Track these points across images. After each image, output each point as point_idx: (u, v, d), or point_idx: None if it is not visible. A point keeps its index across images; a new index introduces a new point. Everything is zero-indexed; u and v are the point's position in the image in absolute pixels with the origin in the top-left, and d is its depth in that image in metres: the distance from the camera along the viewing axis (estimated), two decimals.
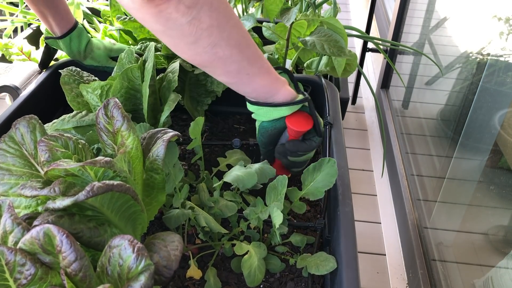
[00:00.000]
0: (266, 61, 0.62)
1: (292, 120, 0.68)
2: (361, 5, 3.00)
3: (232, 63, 0.57)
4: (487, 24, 1.16)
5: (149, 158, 0.59)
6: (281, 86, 0.65)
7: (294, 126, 0.68)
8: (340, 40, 0.82)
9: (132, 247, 0.40)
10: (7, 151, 0.54)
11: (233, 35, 0.55)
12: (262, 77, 0.62)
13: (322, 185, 0.68)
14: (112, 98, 0.58)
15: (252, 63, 0.59)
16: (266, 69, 0.62)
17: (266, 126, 0.70)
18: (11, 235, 0.43)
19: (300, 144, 0.71)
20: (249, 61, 0.59)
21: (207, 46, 0.53)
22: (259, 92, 0.64)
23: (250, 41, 0.59)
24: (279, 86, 0.65)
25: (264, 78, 0.62)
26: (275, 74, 0.64)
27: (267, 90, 0.64)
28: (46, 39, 0.97)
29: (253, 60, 0.59)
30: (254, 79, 0.61)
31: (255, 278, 0.63)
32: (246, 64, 0.59)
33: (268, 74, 0.63)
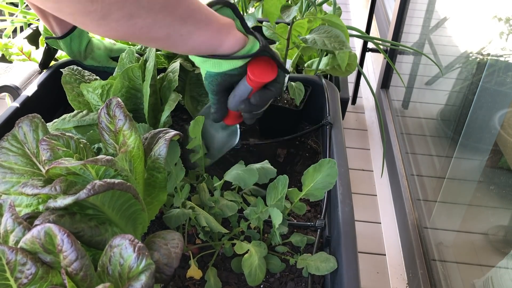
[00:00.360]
0: (204, 11, 0.53)
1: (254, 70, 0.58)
2: (361, 5, 3.01)
3: (159, 29, 0.49)
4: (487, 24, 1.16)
5: (151, 157, 0.59)
6: (225, 35, 0.55)
7: (259, 78, 0.58)
8: (341, 34, 0.82)
9: (132, 246, 0.40)
10: (9, 149, 0.54)
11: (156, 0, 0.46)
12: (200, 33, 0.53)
13: (323, 186, 0.68)
14: (115, 98, 0.58)
15: (185, 21, 0.50)
16: (204, 22, 0.52)
17: (214, 76, 0.60)
18: (12, 234, 0.43)
19: (267, 93, 0.62)
20: (181, 21, 0.50)
21: (122, 18, 0.44)
22: (200, 49, 0.55)
23: None
24: (223, 35, 0.55)
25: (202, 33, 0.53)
26: (216, 23, 0.54)
27: (209, 45, 0.55)
28: (47, 39, 0.97)
29: (186, 17, 0.50)
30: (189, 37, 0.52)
31: (256, 277, 0.63)
32: (177, 25, 0.50)
33: (207, 27, 0.53)
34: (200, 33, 0.52)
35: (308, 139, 0.97)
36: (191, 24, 0.51)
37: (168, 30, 0.49)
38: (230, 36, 0.56)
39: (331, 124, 0.88)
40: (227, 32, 0.55)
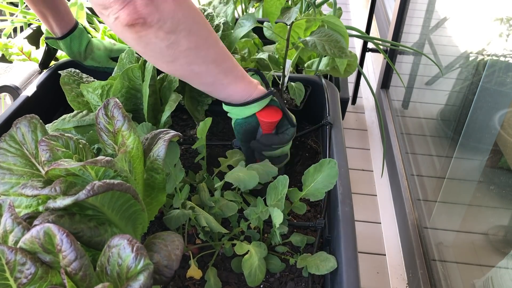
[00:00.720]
0: (241, 69, 0.68)
1: (262, 113, 0.73)
2: (361, 5, 3.01)
3: (208, 77, 0.63)
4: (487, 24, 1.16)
5: (150, 158, 0.59)
6: (253, 89, 0.70)
7: (264, 118, 0.72)
8: (341, 40, 0.82)
9: (131, 246, 0.40)
10: (8, 150, 0.54)
11: (210, 53, 0.61)
12: (236, 85, 0.67)
13: (323, 186, 0.68)
14: (112, 98, 0.58)
15: (227, 74, 0.65)
16: (240, 77, 0.67)
17: (241, 123, 0.74)
18: (11, 234, 0.43)
19: (273, 137, 0.74)
20: (224, 73, 0.64)
21: (184, 64, 0.59)
22: (234, 97, 0.69)
23: (226, 54, 0.65)
24: (252, 89, 0.70)
25: (238, 85, 0.68)
26: (248, 79, 0.69)
27: (241, 95, 0.69)
28: (47, 39, 0.97)
29: (229, 71, 0.65)
30: (228, 87, 0.67)
31: (256, 278, 0.63)
32: (222, 76, 0.64)
33: (242, 81, 0.68)
34: (237, 84, 0.67)
35: (308, 139, 0.97)
36: (231, 77, 0.66)
37: (214, 78, 0.64)
38: (257, 90, 0.70)
39: (331, 124, 0.88)
40: (255, 87, 0.70)
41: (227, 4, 1.08)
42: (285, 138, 0.75)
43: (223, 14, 1.06)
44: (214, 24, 0.92)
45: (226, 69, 0.65)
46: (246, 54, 1.12)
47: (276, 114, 0.73)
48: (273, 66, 1.06)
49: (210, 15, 0.93)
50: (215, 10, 1.09)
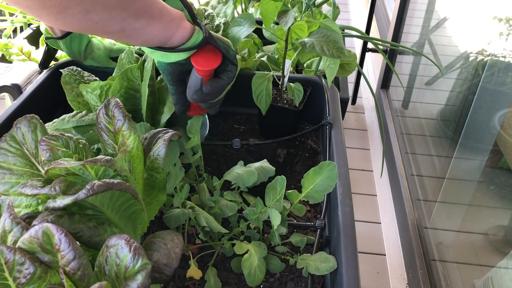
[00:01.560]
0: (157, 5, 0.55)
1: (198, 60, 0.61)
2: (361, 5, 3.01)
3: (114, 24, 0.51)
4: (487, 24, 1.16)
5: (150, 157, 0.59)
6: (175, 28, 0.58)
7: (203, 66, 0.61)
8: (339, 40, 0.82)
9: (128, 246, 0.40)
10: (8, 150, 0.54)
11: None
12: (152, 27, 0.55)
13: (322, 189, 0.68)
14: (113, 98, 0.58)
15: (139, 16, 0.53)
16: (156, 17, 0.55)
17: (165, 66, 0.64)
18: (10, 234, 0.43)
19: (219, 82, 0.65)
20: (135, 16, 0.53)
21: (78, 13, 0.47)
22: (152, 42, 0.58)
23: None
24: (173, 28, 0.58)
25: (154, 27, 0.56)
26: (167, 16, 0.57)
27: (160, 38, 0.58)
28: (47, 39, 0.97)
29: (141, 13, 0.53)
30: (143, 31, 0.55)
31: (256, 278, 0.63)
32: (132, 20, 0.52)
33: (159, 21, 0.56)
34: (152, 27, 0.55)
35: (308, 139, 0.97)
36: (144, 19, 0.53)
37: (122, 24, 0.52)
38: (180, 29, 0.58)
39: (331, 124, 0.88)
40: (177, 25, 0.58)
41: (226, 4, 1.08)
42: (230, 77, 0.65)
43: (223, 14, 1.06)
44: (214, 24, 0.92)
45: (137, 11, 0.52)
46: (246, 54, 1.12)
47: (215, 57, 0.62)
48: (272, 66, 1.06)
49: (211, 15, 0.93)
50: (215, 10, 1.09)
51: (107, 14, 0.49)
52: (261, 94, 0.88)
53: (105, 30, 0.51)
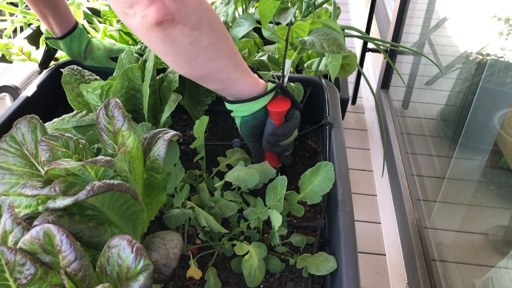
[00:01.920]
0: (244, 63, 0.67)
1: (272, 105, 0.73)
2: (361, 5, 3.00)
3: (224, 72, 0.63)
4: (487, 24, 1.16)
5: (150, 157, 0.59)
6: (257, 83, 0.70)
7: (277, 108, 0.73)
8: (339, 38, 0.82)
9: (131, 247, 0.40)
10: (8, 150, 0.54)
11: (226, 47, 0.61)
12: (245, 79, 0.67)
13: (320, 189, 0.68)
14: (113, 98, 0.58)
15: (238, 68, 0.65)
16: (247, 71, 0.68)
17: (248, 120, 0.74)
18: (11, 235, 0.43)
19: (288, 125, 0.75)
20: (236, 67, 0.64)
21: (204, 61, 0.59)
22: (244, 92, 0.69)
23: (235, 48, 0.64)
24: (257, 83, 0.70)
25: (246, 79, 0.68)
26: (252, 73, 0.70)
27: (249, 89, 0.69)
28: (47, 39, 0.97)
29: (239, 66, 0.65)
30: (240, 82, 0.67)
31: (255, 279, 0.63)
32: (234, 70, 0.64)
33: (249, 75, 0.68)
34: (246, 78, 0.68)
35: (308, 139, 0.97)
36: (240, 71, 0.66)
37: (229, 74, 0.64)
38: (261, 85, 0.72)
39: (331, 124, 0.88)
40: (258, 81, 0.71)
41: (228, 5, 1.08)
42: (297, 122, 0.76)
43: (224, 14, 1.06)
44: None
45: (237, 64, 0.64)
46: (247, 54, 1.12)
47: (285, 103, 0.74)
48: (272, 66, 1.06)
49: None
50: (216, 10, 1.09)
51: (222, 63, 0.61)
52: None
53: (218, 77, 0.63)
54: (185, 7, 0.51)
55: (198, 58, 0.58)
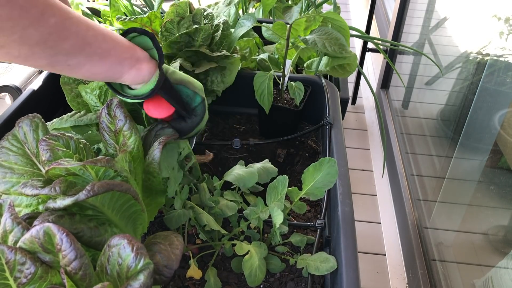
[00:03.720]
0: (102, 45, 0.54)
1: (149, 105, 0.60)
2: (361, 5, 3.00)
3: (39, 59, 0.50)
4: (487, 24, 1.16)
5: (146, 161, 0.59)
6: (127, 68, 0.56)
7: (151, 113, 0.60)
8: (341, 37, 0.82)
9: (131, 246, 0.40)
10: (9, 149, 0.54)
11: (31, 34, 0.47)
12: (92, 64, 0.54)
13: (323, 185, 0.68)
14: (115, 98, 0.58)
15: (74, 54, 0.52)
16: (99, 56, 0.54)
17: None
18: (11, 234, 0.43)
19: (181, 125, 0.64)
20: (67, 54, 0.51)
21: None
22: (95, 78, 0.56)
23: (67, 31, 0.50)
24: (124, 68, 0.56)
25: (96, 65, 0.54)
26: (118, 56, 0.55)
27: (106, 75, 0.56)
28: None
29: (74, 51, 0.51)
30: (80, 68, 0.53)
31: (256, 278, 0.63)
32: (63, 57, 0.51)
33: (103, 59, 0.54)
34: (92, 64, 0.53)
35: (308, 139, 0.97)
36: (82, 56, 0.52)
37: (50, 60, 0.50)
38: (133, 70, 0.56)
39: (331, 124, 0.88)
40: (130, 66, 0.56)
41: (229, 5, 1.08)
42: (196, 121, 0.64)
43: (226, 14, 1.06)
44: (214, 23, 0.92)
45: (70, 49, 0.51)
46: (247, 54, 1.12)
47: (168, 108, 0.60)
48: (273, 66, 1.06)
49: (210, 15, 0.93)
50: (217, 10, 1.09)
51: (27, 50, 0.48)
52: (263, 93, 0.88)
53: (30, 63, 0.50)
54: None
55: None
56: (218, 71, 0.90)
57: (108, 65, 0.55)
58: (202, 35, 0.87)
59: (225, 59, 0.90)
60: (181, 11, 0.92)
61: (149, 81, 0.58)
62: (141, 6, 1.27)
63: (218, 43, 0.91)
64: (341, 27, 0.85)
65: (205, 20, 0.92)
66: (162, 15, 0.98)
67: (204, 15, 0.92)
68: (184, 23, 0.89)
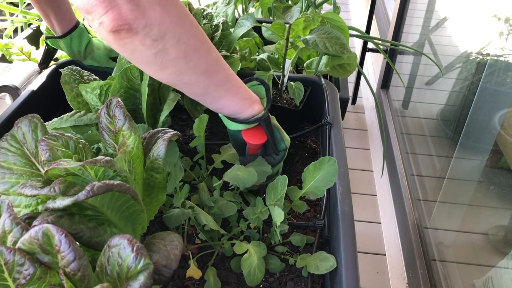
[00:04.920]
0: (236, 83, 0.65)
1: (247, 132, 0.71)
2: (361, 5, 3.00)
3: (198, 88, 0.61)
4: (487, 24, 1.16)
5: (150, 157, 0.59)
6: (247, 106, 0.67)
7: (247, 138, 0.71)
8: (341, 37, 0.82)
9: (131, 246, 0.40)
10: (8, 149, 0.54)
11: (201, 64, 0.58)
12: (228, 99, 0.65)
13: (323, 184, 0.68)
14: (115, 97, 0.58)
15: (219, 87, 0.62)
16: (233, 92, 0.65)
17: (229, 131, 0.73)
18: (10, 235, 0.43)
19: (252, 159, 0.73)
20: (216, 85, 0.62)
21: (173, 73, 0.57)
22: (224, 110, 0.67)
23: (220, 66, 0.61)
24: (245, 106, 0.67)
25: (230, 99, 0.65)
26: (244, 94, 0.67)
27: (232, 110, 0.67)
28: (47, 38, 0.97)
29: (221, 84, 0.62)
30: (219, 100, 0.64)
31: (255, 277, 0.63)
32: (212, 88, 0.62)
33: (235, 96, 0.65)
34: (229, 98, 0.65)
35: (308, 139, 0.97)
36: (223, 90, 0.63)
37: (204, 90, 0.61)
38: (249, 109, 0.68)
39: (330, 124, 0.88)
40: (249, 105, 0.68)
41: (228, 5, 1.08)
42: (276, 160, 0.74)
43: (223, 14, 1.06)
44: (213, 23, 0.92)
45: (218, 82, 0.62)
46: (247, 54, 1.12)
47: (261, 137, 0.71)
48: (272, 66, 1.06)
49: (210, 15, 0.93)
50: (216, 10, 1.09)
51: (194, 78, 0.58)
52: None
53: (190, 90, 0.61)
54: (145, 17, 0.49)
55: (165, 70, 0.56)
56: None
57: (237, 101, 0.66)
58: None
59: (224, 59, 0.90)
60: None
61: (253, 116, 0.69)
62: None
63: (218, 43, 0.91)
64: (340, 28, 0.85)
65: (205, 20, 0.92)
66: None
67: (203, 15, 0.92)
68: None
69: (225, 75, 0.63)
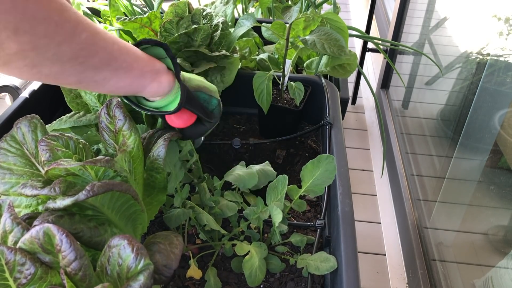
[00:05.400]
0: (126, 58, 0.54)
1: (172, 117, 0.61)
2: (361, 5, 3.00)
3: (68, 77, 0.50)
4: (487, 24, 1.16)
5: (150, 157, 0.59)
6: (148, 80, 0.57)
7: (174, 124, 0.62)
8: (340, 38, 0.82)
9: (131, 246, 0.40)
10: (8, 150, 0.54)
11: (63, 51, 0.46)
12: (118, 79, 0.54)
13: (322, 182, 0.68)
14: (115, 98, 0.58)
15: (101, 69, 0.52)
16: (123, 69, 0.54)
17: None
18: (11, 234, 0.43)
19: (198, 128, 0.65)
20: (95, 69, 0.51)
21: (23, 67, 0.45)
22: (119, 92, 0.56)
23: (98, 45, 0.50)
24: (146, 81, 0.56)
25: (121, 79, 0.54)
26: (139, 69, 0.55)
27: (128, 89, 0.56)
28: None
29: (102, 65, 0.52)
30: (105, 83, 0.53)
31: (256, 278, 0.63)
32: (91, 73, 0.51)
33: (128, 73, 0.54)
34: (117, 79, 0.53)
35: (308, 139, 0.97)
36: (107, 71, 0.52)
37: (78, 77, 0.50)
38: (154, 83, 0.57)
39: (330, 124, 0.88)
40: (151, 79, 0.56)
41: (227, 4, 1.08)
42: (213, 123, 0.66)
43: (222, 14, 1.06)
44: (213, 23, 0.92)
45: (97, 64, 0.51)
46: (247, 53, 1.12)
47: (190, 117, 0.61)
48: (272, 66, 1.06)
49: (209, 15, 0.93)
50: (215, 9, 1.09)
51: (57, 68, 0.47)
52: (262, 93, 0.88)
53: (58, 82, 0.49)
54: None
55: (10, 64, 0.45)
56: (217, 71, 0.90)
57: (132, 79, 0.55)
58: (201, 35, 0.87)
59: (224, 59, 0.90)
60: (180, 11, 0.92)
61: (169, 93, 0.58)
62: (141, 6, 1.27)
63: (217, 43, 0.91)
64: (340, 28, 0.85)
65: (204, 20, 0.92)
66: (162, 15, 0.98)
67: (203, 15, 0.92)
68: (183, 23, 0.89)
69: (106, 54, 0.51)
